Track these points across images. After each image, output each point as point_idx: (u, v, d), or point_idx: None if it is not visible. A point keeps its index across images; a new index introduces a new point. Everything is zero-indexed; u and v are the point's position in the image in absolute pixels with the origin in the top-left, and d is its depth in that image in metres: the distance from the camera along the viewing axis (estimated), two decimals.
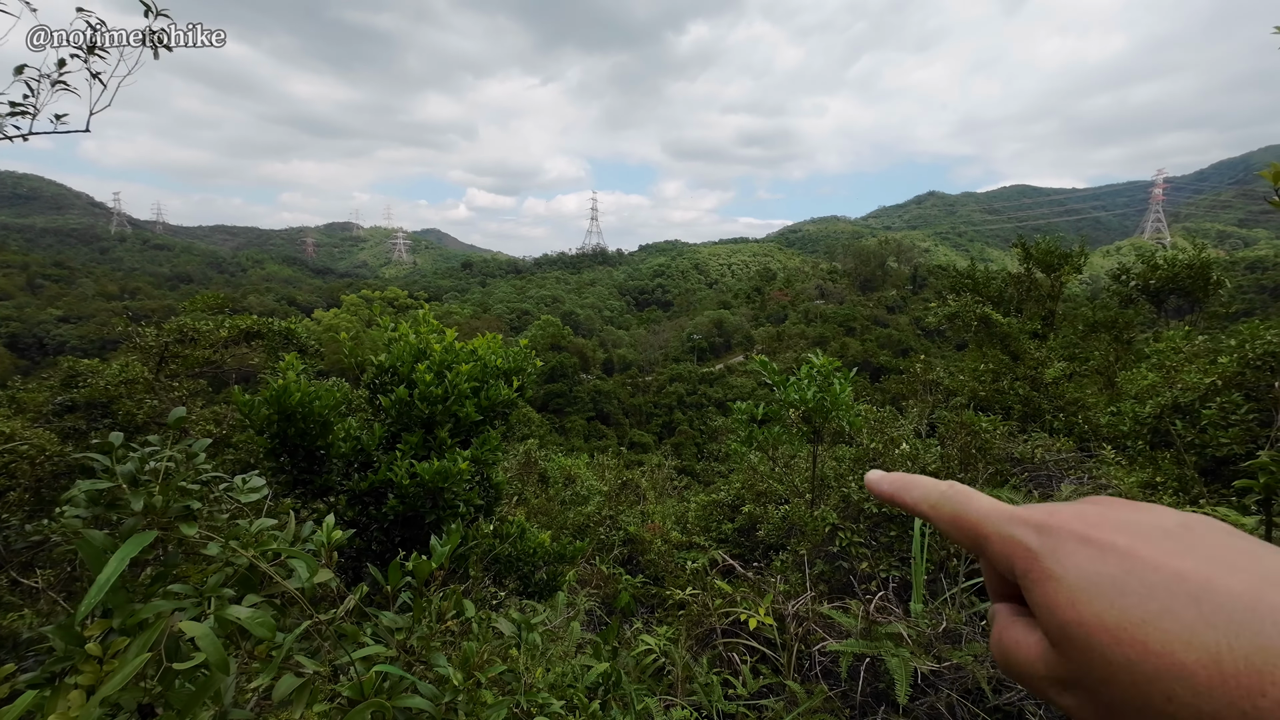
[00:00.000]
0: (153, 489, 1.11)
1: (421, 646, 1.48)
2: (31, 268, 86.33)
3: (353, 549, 3.44)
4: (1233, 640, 0.25)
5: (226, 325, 8.21)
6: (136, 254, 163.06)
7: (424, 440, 3.49)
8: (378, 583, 1.60)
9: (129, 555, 0.98)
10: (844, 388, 3.97)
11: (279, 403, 3.05)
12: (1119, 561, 0.29)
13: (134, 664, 0.92)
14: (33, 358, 57.37)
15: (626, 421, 59.64)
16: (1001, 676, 2.19)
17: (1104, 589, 0.29)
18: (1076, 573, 0.30)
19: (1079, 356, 8.56)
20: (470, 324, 64.18)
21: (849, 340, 68.07)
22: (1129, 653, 0.27)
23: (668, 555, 6.60)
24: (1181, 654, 0.26)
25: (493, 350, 3.96)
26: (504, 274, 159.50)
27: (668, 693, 2.83)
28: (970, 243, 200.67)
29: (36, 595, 2.76)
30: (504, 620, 2.14)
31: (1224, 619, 0.26)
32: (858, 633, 2.54)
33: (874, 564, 3.37)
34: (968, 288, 11.47)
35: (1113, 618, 0.28)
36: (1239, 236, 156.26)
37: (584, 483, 10.37)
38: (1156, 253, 12.24)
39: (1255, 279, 59.56)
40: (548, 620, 3.37)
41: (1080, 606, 0.29)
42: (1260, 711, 0.24)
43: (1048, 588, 0.31)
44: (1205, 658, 0.25)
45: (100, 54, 3.39)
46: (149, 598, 1.09)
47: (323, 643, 1.31)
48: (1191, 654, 0.26)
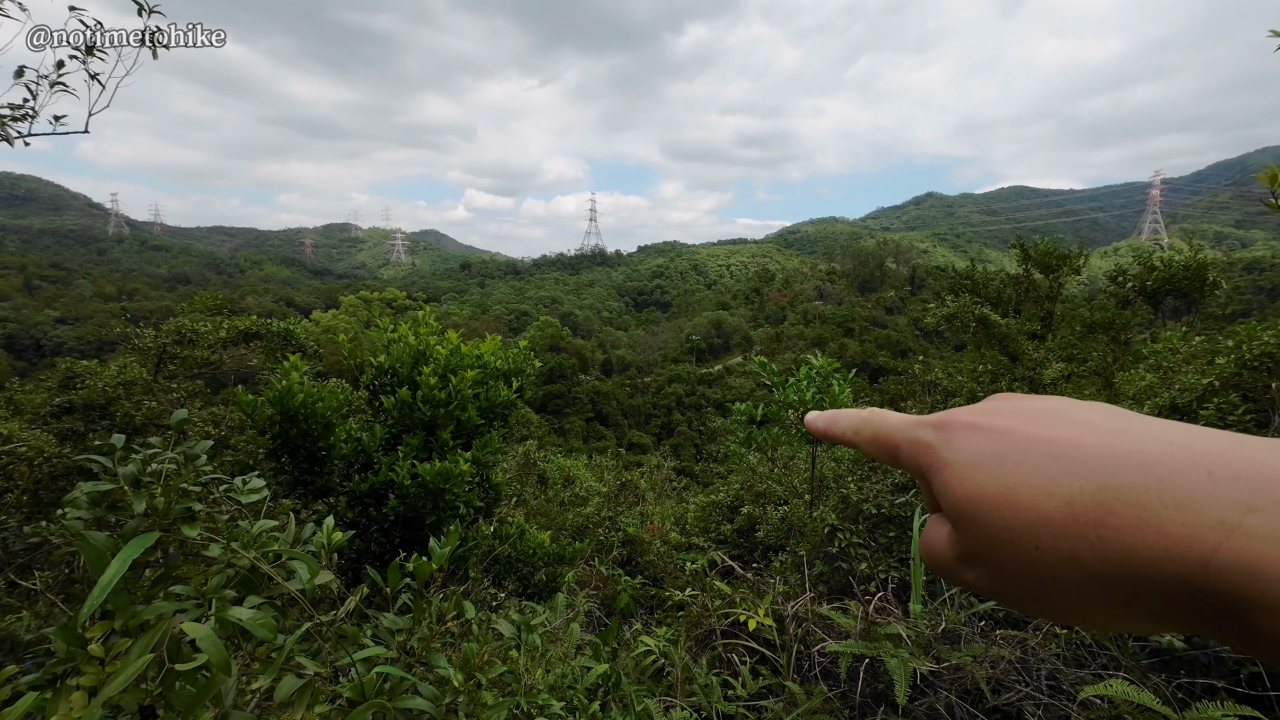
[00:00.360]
0: (154, 491, 1.11)
1: (422, 648, 1.49)
2: (29, 269, 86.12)
3: (353, 550, 3.44)
4: (1083, 484, 0.28)
5: (225, 326, 8.20)
6: (134, 255, 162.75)
7: (425, 442, 3.49)
8: (378, 584, 1.61)
9: (131, 557, 0.98)
10: (843, 389, 3.98)
11: (282, 404, 3.05)
12: (1000, 438, 0.32)
13: (136, 665, 0.92)
14: (30, 359, 57.21)
15: (625, 422, 59.62)
16: (1001, 677, 2.20)
17: (986, 462, 0.31)
18: (965, 454, 0.32)
19: (1077, 357, 8.58)
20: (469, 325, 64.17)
21: (847, 341, 68.12)
22: (1005, 513, 0.30)
23: (667, 556, 6.60)
24: (1044, 504, 0.28)
25: (493, 352, 3.97)
26: (502, 275, 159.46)
27: (667, 694, 2.83)
28: (968, 244, 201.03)
29: (35, 597, 2.75)
30: (504, 622, 2.14)
31: (1078, 468, 0.28)
32: (857, 633, 2.55)
33: (873, 565, 3.38)
34: (966, 289, 11.49)
35: (992, 486, 0.30)
36: (1236, 237, 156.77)
37: (583, 484, 10.37)
38: (1154, 254, 12.27)
39: (1253, 280, 59.72)
40: (547, 622, 3.37)
41: (967, 482, 0.31)
42: (1103, 540, 0.26)
43: (943, 473, 0.33)
44: (1061, 503, 0.28)
45: (99, 54, 3.40)
46: (151, 599, 1.10)
47: (323, 644, 1.31)
48: (1052, 502, 0.28)
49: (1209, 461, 0.26)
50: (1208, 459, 0.26)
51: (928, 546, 0.35)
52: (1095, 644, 2.25)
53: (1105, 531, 0.26)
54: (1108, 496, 0.27)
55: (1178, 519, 0.25)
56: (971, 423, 0.34)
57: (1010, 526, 0.29)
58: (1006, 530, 0.29)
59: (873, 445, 0.39)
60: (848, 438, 0.41)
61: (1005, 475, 0.30)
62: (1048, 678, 2.17)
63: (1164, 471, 0.26)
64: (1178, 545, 0.25)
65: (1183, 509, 0.25)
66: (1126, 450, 0.28)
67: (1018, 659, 2.21)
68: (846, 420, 0.42)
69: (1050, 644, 2.27)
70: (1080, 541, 0.27)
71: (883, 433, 0.38)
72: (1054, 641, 2.28)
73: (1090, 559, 0.27)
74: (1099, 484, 0.27)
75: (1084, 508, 0.27)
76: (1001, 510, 0.30)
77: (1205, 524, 0.24)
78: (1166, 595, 0.25)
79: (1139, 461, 0.27)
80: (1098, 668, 2.17)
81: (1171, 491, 0.26)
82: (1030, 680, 2.16)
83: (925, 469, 0.35)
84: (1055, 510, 0.28)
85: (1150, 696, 1.80)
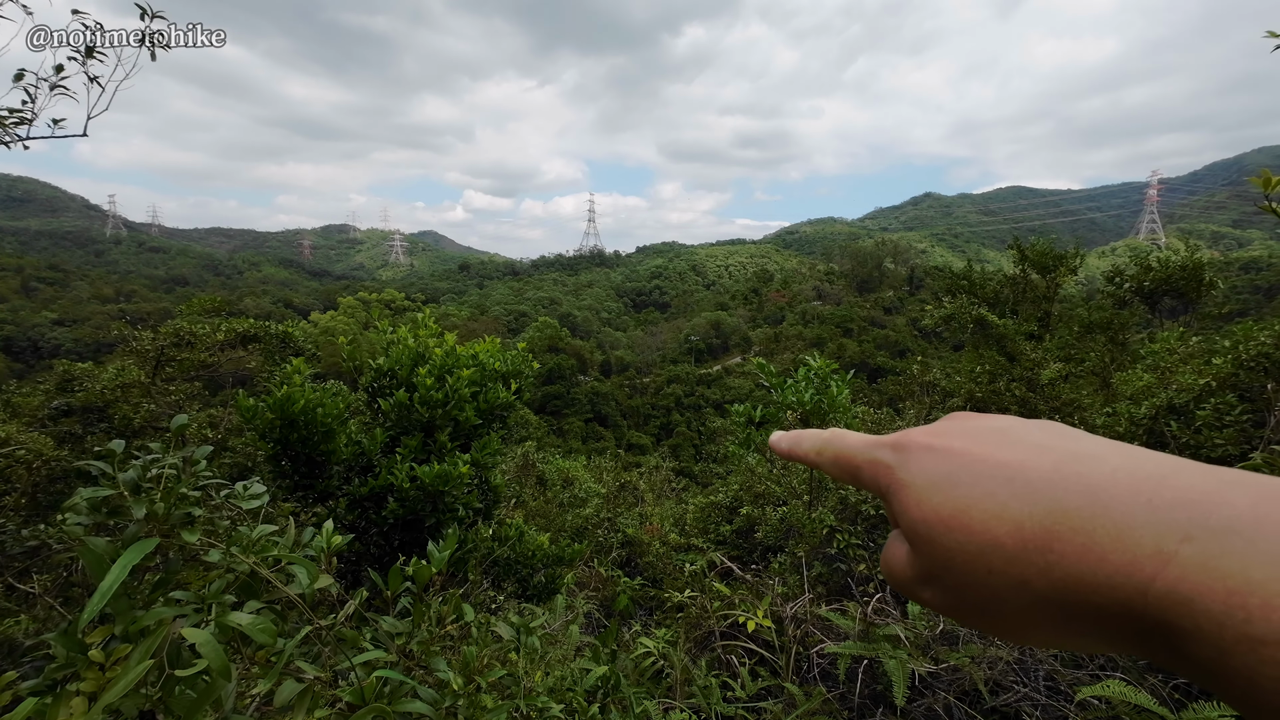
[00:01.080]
0: (154, 496, 1.11)
1: (421, 651, 1.49)
2: (26, 270, 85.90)
3: (352, 553, 3.44)
4: (1032, 509, 0.28)
5: (223, 328, 8.19)
6: (132, 257, 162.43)
7: (424, 444, 3.49)
8: (377, 587, 1.61)
9: (131, 562, 0.98)
10: (841, 390, 3.99)
11: (283, 409, 3.05)
12: (953, 459, 0.32)
13: (137, 670, 0.93)
14: (27, 361, 57.06)
15: (624, 423, 59.61)
16: (999, 678, 2.21)
17: (940, 485, 0.32)
18: (921, 476, 0.33)
19: (1075, 357, 8.60)
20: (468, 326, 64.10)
21: (846, 341, 68.19)
22: (959, 536, 0.30)
23: (666, 557, 6.60)
24: (995, 528, 0.29)
25: (491, 353, 3.97)
26: (501, 276, 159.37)
27: (667, 695, 2.83)
28: (966, 244, 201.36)
29: (33, 601, 2.75)
30: (503, 624, 2.14)
31: (1028, 493, 0.29)
32: (855, 635, 2.55)
33: (872, 566, 3.38)
34: (964, 289, 11.51)
35: (947, 508, 0.31)
36: (1233, 237, 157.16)
37: (582, 485, 10.37)
38: (1151, 254, 12.29)
39: (1249, 279, 59.87)
40: (547, 624, 3.37)
41: (923, 504, 0.32)
42: (1049, 565, 0.27)
43: (901, 495, 0.33)
44: (1011, 527, 0.28)
45: (99, 57, 3.40)
46: (150, 604, 1.10)
47: (323, 648, 1.31)
48: (1002, 526, 0.29)
49: (1150, 489, 0.26)
50: (1149, 486, 0.26)
51: (888, 564, 0.36)
52: None
53: (1051, 557, 0.27)
54: (1054, 522, 0.27)
55: (1118, 546, 0.25)
56: (927, 444, 0.34)
57: (964, 549, 0.30)
58: (960, 553, 0.30)
59: (835, 466, 0.39)
60: (810, 458, 0.42)
61: (959, 497, 0.31)
62: (1045, 678, 2.17)
63: (1107, 498, 0.27)
64: (1119, 573, 0.25)
65: (1123, 537, 0.25)
66: (1074, 474, 0.28)
67: (1015, 660, 2.22)
68: (809, 441, 0.42)
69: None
70: (1029, 566, 0.27)
71: (844, 454, 0.39)
72: None
73: (1038, 584, 0.27)
74: (1046, 509, 0.28)
75: (1032, 533, 0.28)
76: (955, 533, 0.30)
77: (1144, 552, 0.25)
78: (1109, 620, 0.26)
79: (1085, 486, 0.27)
80: (1095, 668, 2.18)
81: (1114, 519, 0.26)
82: (1028, 681, 2.17)
83: (885, 489, 0.35)
84: (1006, 534, 0.28)
85: (1147, 697, 1.81)
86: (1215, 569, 0.23)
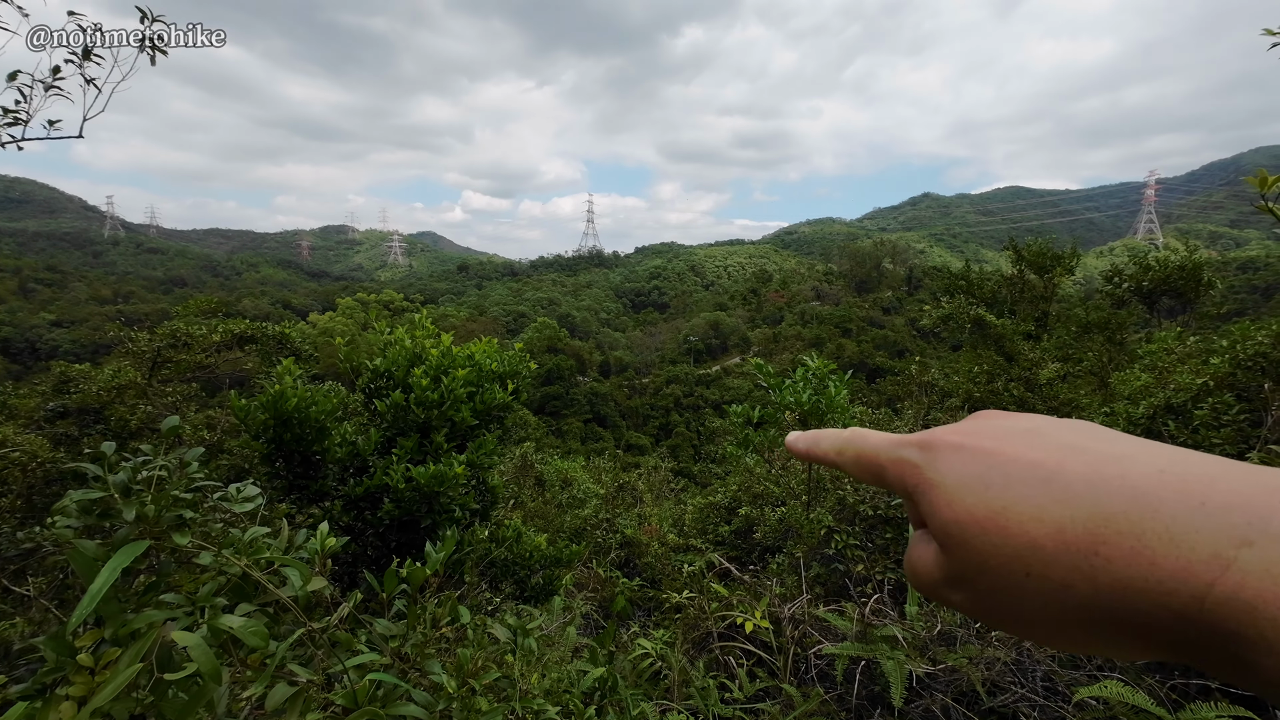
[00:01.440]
0: (145, 498, 1.11)
1: (416, 654, 1.48)
2: (24, 272, 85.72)
3: (348, 554, 3.43)
4: (1074, 512, 0.27)
5: (220, 330, 8.17)
6: (130, 258, 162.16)
7: (419, 445, 3.48)
8: (374, 589, 1.60)
9: (121, 565, 0.98)
10: (839, 390, 3.99)
11: (275, 408, 3.04)
12: (985, 460, 0.32)
13: (126, 674, 0.92)
14: (25, 362, 56.93)
15: (624, 424, 59.59)
16: (996, 678, 2.20)
17: (973, 486, 0.31)
18: (951, 476, 0.32)
19: (1073, 357, 8.61)
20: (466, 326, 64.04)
21: (845, 342, 68.23)
22: (994, 538, 0.29)
23: (665, 558, 6.59)
24: (1033, 530, 0.28)
25: (488, 354, 3.96)
26: (500, 276, 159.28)
27: (664, 697, 2.82)
28: (965, 244, 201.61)
29: (28, 603, 2.74)
30: (499, 626, 2.14)
31: (1068, 495, 0.28)
32: (853, 635, 2.55)
33: (869, 566, 3.38)
34: (961, 289, 11.52)
35: (981, 509, 0.30)
36: (1231, 237, 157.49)
37: (581, 485, 10.36)
38: (1149, 254, 12.31)
39: (1247, 279, 59.99)
40: (544, 625, 3.36)
41: (955, 505, 0.31)
42: (1095, 569, 0.26)
43: (930, 494, 0.33)
44: (1052, 530, 0.28)
45: (95, 59, 3.38)
46: (141, 607, 1.09)
47: (316, 651, 1.30)
48: (1041, 529, 0.28)
49: (1201, 491, 0.25)
50: (1199, 488, 0.26)
51: (913, 566, 0.35)
52: None
53: (1097, 561, 0.26)
54: (1099, 525, 0.27)
55: (1172, 551, 0.25)
56: (957, 443, 0.33)
57: (1000, 552, 0.29)
58: (996, 555, 0.29)
59: (856, 466, 0.39)
60: (830, 458, 0.41)
61: (993, 498, 0.30)
62: (1043, 679, 2.17)
63: (1155, 501, 0.26)
64: (1172, 578, 0.24)
65: (1177, 541, 0.25)
66: (1115, 476, 0.28)
67: (1013, 660, 2.22)
68: (829, 441, 0.41)
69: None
70: (1072, 570, 0.27)
71: (866, 453, 0.38)
72: None
73: (1082, 588, 0.27)
74: (1089, 512, 0.27)
75: (1075, 536, 0.27)
76: (991, 535, 0.29)
77: (1200, 557, 0.24)
78: (1159, 626, 0.25)
79: (1129, 488, 0.27)
80: (1093, 669, 2.17)
81: (1165, 522, 0.25)
82: (1026, 682, 2.17)
83: (912, 489, 0.34)
84: (1045, 537, 0.28)
85: (1144, 698, 1.81)
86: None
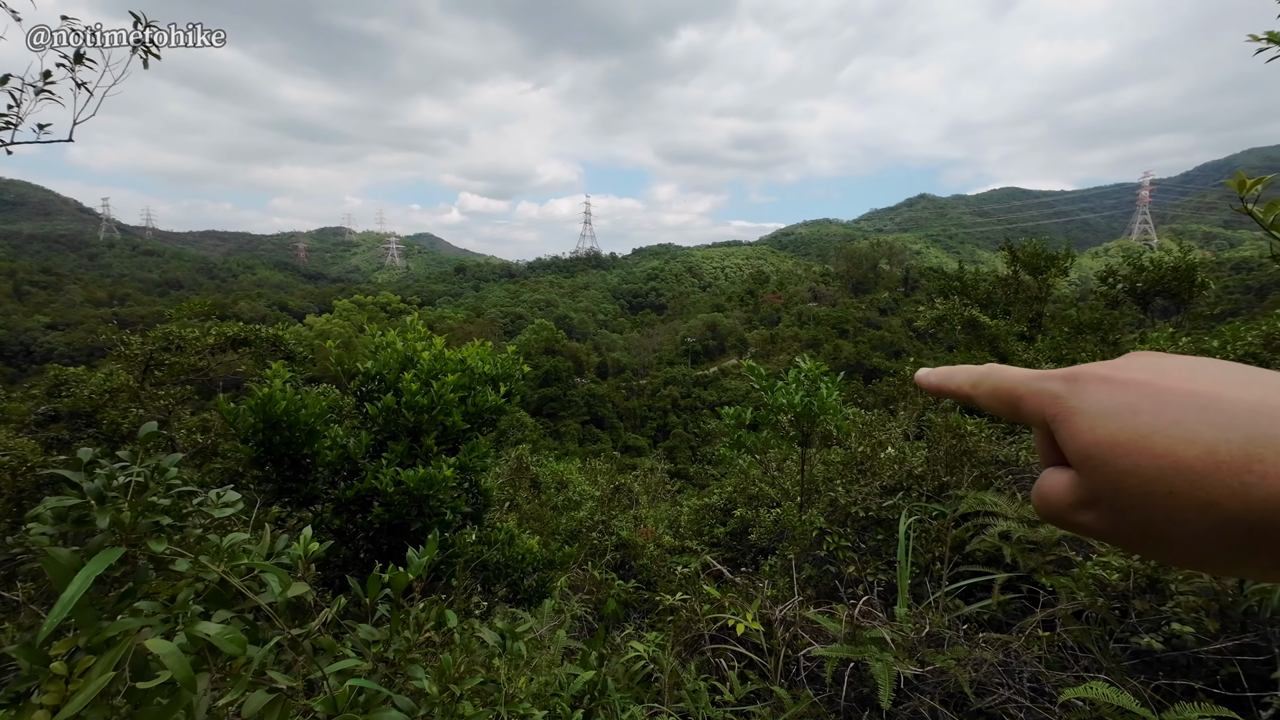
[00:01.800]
0: (121, 505, 1.10)
1: (399, 659, 1.48)
2: (19, 274, 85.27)
3: (339, 558, 3.42)
4: (1229, 435, 0.29)
5: (213, 332, 8.14)
6: (126, 260, 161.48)
7: (410, 448, 3.48)
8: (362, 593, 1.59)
9: (94, 573, 0.97)
10: (830, 391, 3.99)
11: (264, 411, 3.03)
12: (1135, 389, 0.33)
13: (97, 683, 0.92)
14: (20, 365, 56.62)
15: (621, 425, 59.55)
16: (984, 679, 2.21)
17: (1119, 412, 0.33)
18: (1096, 404, 0.34)
19: (1067, 358, 8.64)
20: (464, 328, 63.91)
21: (842, 343, 68.32)
22: (1138, 459, 0.31)
23: (660, 560, 6.59)
24: (1182, 451, 0.29)
25: (480, 357, 3.96)
26: (497, 278, 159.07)
27: (655, 699, 2.82)
28: (961, 244, 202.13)
29: (18, 609, 2.72)
30: (487, 630, 2.13)
31: (1224, 421, 0.29)
32: (842, 637, 2.55)
33: (861, 567, 3.38)
34: (956, 290, 11.54)
35: (1125, 434, 0.32)
36: (1225, 237, 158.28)
37: (576, 487, 10.35)
38: (1143, 254, 12.34)
39: (1240, 279, 60.25)
40: (535, 628, 3.35)
41: (1098, 430, 0.33)
42: (1246, 487, 0.27)
43: (1071, 421, 0.34)
44: (1203, 451, 0.29)
45: (88, 63, 3.37)
46: (117, 615, 1.09)
47: (297, 657, 1.30)
48: (1191, 450, 0.29)
49: None
50: None
51: (1043, 494, 0.37)
52: (1077, 646, 2.26)
53: (1250, 479, 0.27)
54: (1257, 447, 0.28)
55: None
56: (1106, 375, 0.35)
57: (1140, 472, 0.30)
58: (1136, 475, 0.31)
59: (992, 398, 0.40)
60: (964, 391, 0.43)
61: (1139, 424, 0.31)
62: (1030, 680, 2.17)
63: None
64: None
65: None
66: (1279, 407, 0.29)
67: (1000, 662, 2.22)
68: (963, 375, 0.43)
69: (1033, 646, 2.28)
70: (1220, 488, 0.28)
71: (1004, 386, 0.40)
72: (1036, 644, 2.29)
73: (1230, 505, 0.28)
74: (1247, 435, 0.28)
75: (1229, 456, 0.28)
76: (1133, 456, 0.31)
77: None
78: None
79: None
80: (1079, 670, 2.18)
81: None
82: (1013, 683, 2.17)
83: (1051, 419, 0.36)
84: (1195, 459, 0.29)
85: (1129, 698, 1.81)
86: None
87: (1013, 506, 3.00)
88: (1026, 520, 2.89)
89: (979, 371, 0.42)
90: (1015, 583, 2.83)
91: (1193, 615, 2.11)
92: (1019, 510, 2.96)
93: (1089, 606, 2.36)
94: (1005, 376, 0.40)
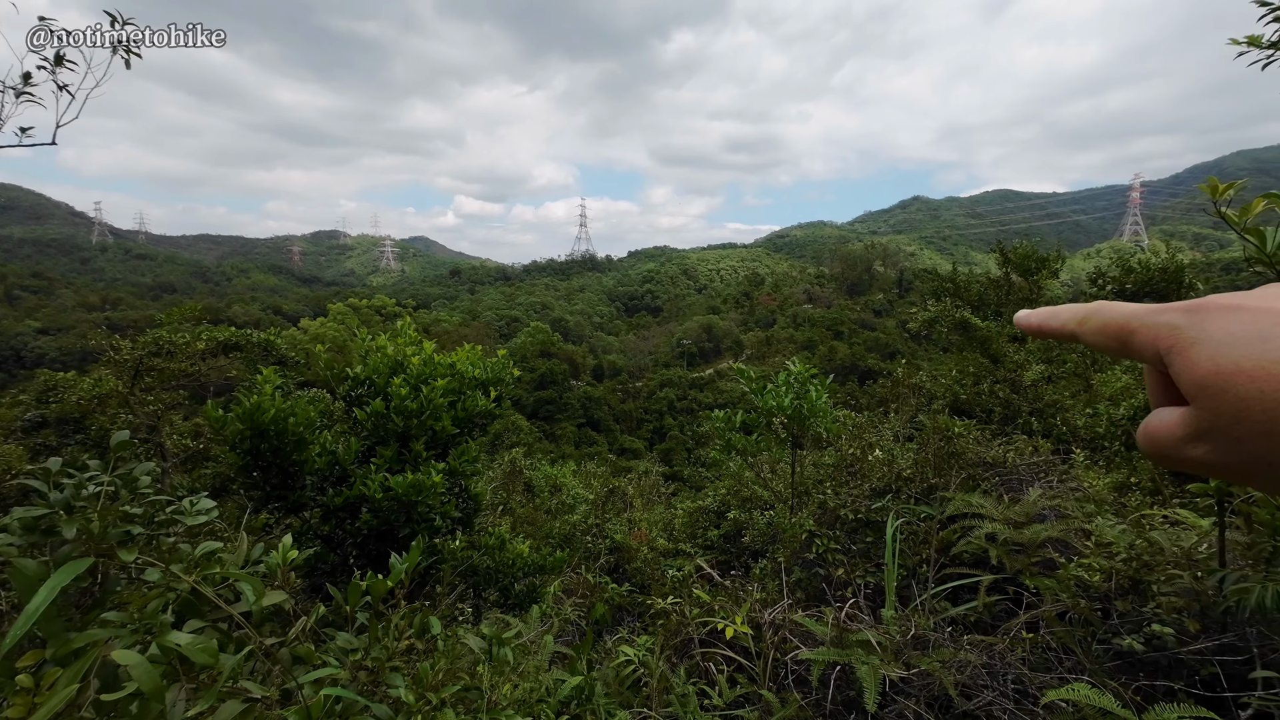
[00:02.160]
0: (90, 515, 1.09)
1: (377, 667, 1.47)
2: (9, 278, 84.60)
3: (326, 565, 3.40)
4: None
5: (204, 337, 8.09)
6: (118, 264, 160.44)
7: (398, 454, 3.46)
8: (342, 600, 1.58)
9: (60, 584, 0.96)
10: (820, 394, 4.00)
11: (251, 419, 3.01)
12: (1266, 318, 0.32)
13: (62, 695, 0.91)
14: (10, 371, 56.12)
15: (617, 428, 59.48)
16: (969, 682, 2.21)
17: (1244, 340, 0.32)
18: (1219, 333, 0.33)
19: (1056, 359, 8.69)
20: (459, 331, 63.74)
21: (837, 344, 68.49)
22: (1262, 385, 0.30)
23: (654, 563, 6.57)
24: None
25: (470, 361, 3.95)
26: (493, 281, 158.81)
27: (644, 704, 2.81)
28: (955, 246, 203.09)
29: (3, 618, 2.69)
30: (472, 636, 2.12)
31: None
32: (829, 640, 2.55)
33: (850, 570, 3.39)
34: (948, 292, 11.60)
35: (1250, 361, 0.31)
36: (1214, 239, 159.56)
37: (570, 491, 10.33)
38: (1133, 256, 12.44)
39: (1230, 280, 60.72)
40: (523, 634, 3.34)
41: (1219, 359, 0.32)
42: None
43: (1189, 352, 0.34)
44: None
45: (68, 65, 3.35)
46: (86, 625, 1.08)
47: (272, 666, 1.29)
48: None
49: None
50: None
51: (1150, 432, 0.37)
52: (1060, 647, 2.27)
53: None
54: None
55: None
56: (1235, 304, 0.34)
57: (1265, 397, 0.30)
58: (1259, 401, 0.30)
59: (1101, 334, 0.40)
60: (1069, 329, 0.42)
61: (1268, 352, 0.31)
62: (1014, 682, 2.18)
63: None
64: None
65: None
66: None
67: (985, 664, 2.23)
68: (1067, 314, 0.42)
69: (1017, 648, 2.29)
70: None
71: (1114, 321, 0.39)
72: (1020, 646, 2.30)
73: None
74: None
75: None
76: (1258, 383, 0.30)
77: None
78: None
79: None
80: (1063, 671, 2.19)
81: None
82: (997, 685, 2.18)
83: (1166, 351, 0.35)
84: None
85: (1110, 700, 1.82)
86: None
87: (999, 508, 3.02)
88: (1012, 522, 2.91)
89: (1086, 309, 0.41)
90: (1001, 584, 2.84)
91: (1173, 616, 2.13)
92: (1005, 512, 2.97)
93: (1072, 608, 2.37)
94: (1117, 311, 0.39)
